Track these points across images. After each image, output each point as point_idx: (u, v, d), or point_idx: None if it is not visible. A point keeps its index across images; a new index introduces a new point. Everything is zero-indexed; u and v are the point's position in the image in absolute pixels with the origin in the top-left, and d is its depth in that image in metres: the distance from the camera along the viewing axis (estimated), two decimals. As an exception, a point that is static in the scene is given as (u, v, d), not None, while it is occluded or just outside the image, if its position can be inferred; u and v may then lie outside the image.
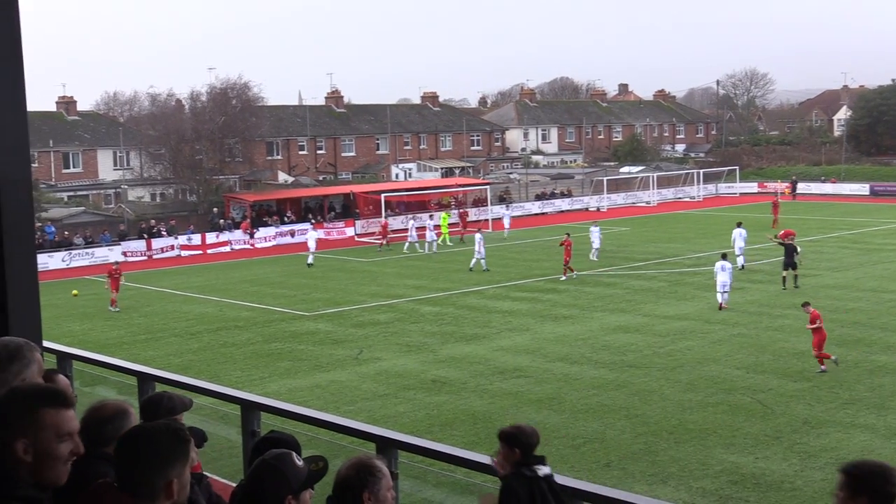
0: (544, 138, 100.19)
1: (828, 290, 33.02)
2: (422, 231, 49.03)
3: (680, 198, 76.51)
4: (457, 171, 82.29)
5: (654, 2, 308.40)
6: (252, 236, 55.65)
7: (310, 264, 44.53)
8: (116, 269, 36.04)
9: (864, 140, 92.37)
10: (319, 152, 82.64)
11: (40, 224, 50.00)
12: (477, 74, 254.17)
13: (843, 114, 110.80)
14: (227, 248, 54.20)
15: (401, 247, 49.21)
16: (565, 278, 37.21)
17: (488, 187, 66.88)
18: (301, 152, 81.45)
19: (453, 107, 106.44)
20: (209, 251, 53.22)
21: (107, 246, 50.78)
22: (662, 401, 20.57)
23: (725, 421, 19.04)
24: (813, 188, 76.43)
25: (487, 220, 58.83)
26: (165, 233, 53.87)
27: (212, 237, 54.68)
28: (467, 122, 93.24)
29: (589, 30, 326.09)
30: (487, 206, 62.89)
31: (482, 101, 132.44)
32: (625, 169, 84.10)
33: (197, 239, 54.01)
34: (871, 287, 33.61)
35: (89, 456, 3.66)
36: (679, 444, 17.76)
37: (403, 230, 52.42)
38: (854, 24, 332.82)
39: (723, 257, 31.35)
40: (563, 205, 70.61)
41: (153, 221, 55.07)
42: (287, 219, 59.00)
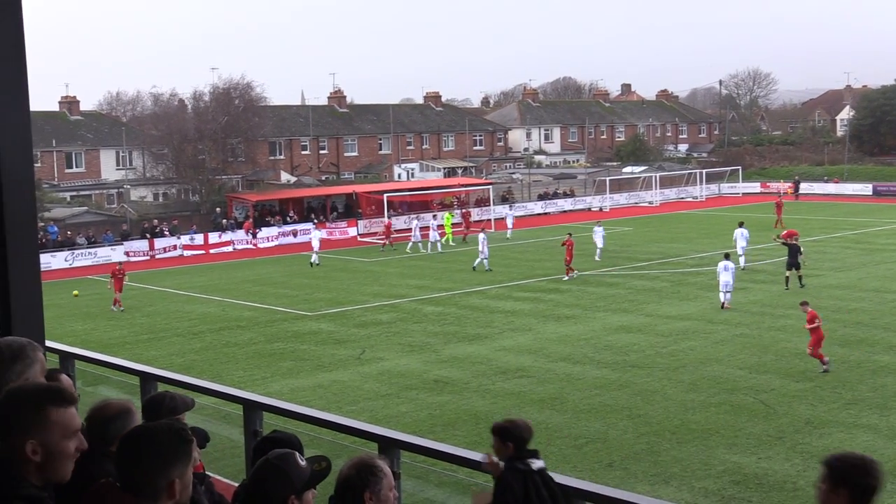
0: (547, 138, 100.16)
1: (830, 290, 32.99)
2: (425, 231, 49.06)
3: (683, 198, 76.46)
4: (459, 171, 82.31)
5: (658, 2, 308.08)
6: (255, 236, 55.66)
7: (316, 264, 44.57)
8: (120, 269, 36.10)
9: (867, 140, 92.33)
10: (322, 152, 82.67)
11: (43, 224, 50.06)
12: (480, 74, 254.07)
13: (845, 114, 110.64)
14: (230, 248, 54.23)
15: (404, 247, 49.23)
16: (568, 278, 37.20)
17: (491, 187, 66.88)
18: (304, 152, 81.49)
19: (456, 107, 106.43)
20: (212, 251, 53.26)
21: (109, 246, 50.88)
22: (665, 401, 20.55)
23: (728, 421, 19.03)
24: (816, 188, 76.40)
25: (490, 220, 58.87)
26: (168, 233, 53.93)
27: (214, 237, 54.74)
28: (470, 122, 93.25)
29: (592, 30, 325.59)
30: (490, 206, 62.94)
31: (485, 101, 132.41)
32: (627, 169, 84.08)
33: (199, 239, 54.06)
34: (874, 287, 33.58)
35: (93, 454, 3.67)
36: (681, 445, 17.75)
37: (407, 230, 52.45)
38: (857, 24, 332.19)
39: (726, 257, 31.37)
40: (565, 205, 70.60)
41: (156, 221, 55.18)
42: (290, 219, 59.05)
